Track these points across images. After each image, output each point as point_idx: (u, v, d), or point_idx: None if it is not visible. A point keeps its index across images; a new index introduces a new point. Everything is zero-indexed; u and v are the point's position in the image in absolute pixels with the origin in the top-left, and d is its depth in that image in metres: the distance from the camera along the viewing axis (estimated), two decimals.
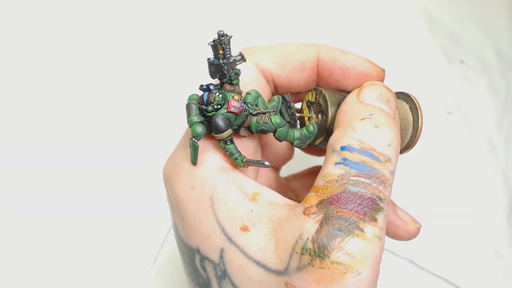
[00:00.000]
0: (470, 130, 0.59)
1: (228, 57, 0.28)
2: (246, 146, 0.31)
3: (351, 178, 0.27)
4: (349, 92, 0.35)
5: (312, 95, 0.35)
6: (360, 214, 0.26)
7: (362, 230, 0.25)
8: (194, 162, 0.29)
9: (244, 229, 0.27)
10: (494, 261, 0.51)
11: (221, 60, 0.28)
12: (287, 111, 0.33)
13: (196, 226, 0.29)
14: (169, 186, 0.31)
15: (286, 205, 0.29)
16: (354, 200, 0.26)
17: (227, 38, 0.27)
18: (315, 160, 0.46)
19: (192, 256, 0.30)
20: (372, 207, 0.26)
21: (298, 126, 0.34)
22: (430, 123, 0.36)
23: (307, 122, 0.35)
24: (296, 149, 0.42)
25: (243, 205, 0.28)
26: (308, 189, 0.42)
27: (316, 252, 0.25)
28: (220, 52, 0.27)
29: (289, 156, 0.42)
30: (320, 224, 0.25)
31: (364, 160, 0.27)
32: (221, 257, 0.28)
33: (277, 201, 0.29)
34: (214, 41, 0.27)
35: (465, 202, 0.54)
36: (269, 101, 0.32)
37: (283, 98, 0.33)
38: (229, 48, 0.27)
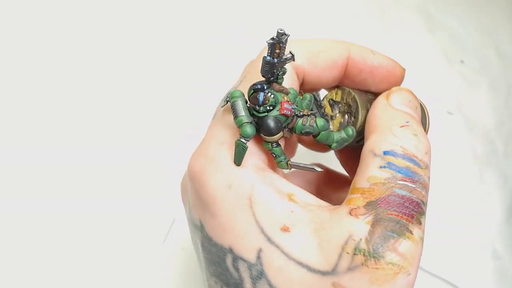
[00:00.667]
0: (470, 130, 0.60)
1: (281, 56, 0.27)
2: None
3: (398, 182, 0.27)
4: (371, 93, 0.35)
5: (337, 94, 0.35)
6: (408, 217, 0.26)
7: (411, 232, 0.26)
8: (238, 163, 0.28)
9: (285, 229, 0.27)
10: (492, 262, 0.52)
11: (275, 59, 0.27)
12: (318, 110, 0.33)
13: (231, 226, 0.28)
14: (198, 183, 0.30)
15: (322, 206, 0.29)
16: (402, 203, 0.27)
17: (286, 37, 0.26)
18: (315, 158, 0.46)
19: (223, 256, 0.29)
20: (418, 210, 0.27)
21: (330, 125, 0.34)
22: (431, 123, 0.37)
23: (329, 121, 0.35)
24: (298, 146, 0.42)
25: (282, 205, 0.28)
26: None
27: (370, 253, 0.25)
28: (277, 51, 0.26)
29: (292, 155, 0.42)
30: (372, 225, 0.26)
31: (408, 165, 0.28)
32: (259, 257, 0.27)
33: (311, 202, 0.29)
34: (273, 39, 0.26)
35: (464, 202, 0.55)
36: None
37: (314, 97, 0.32)
38: (285, 47, 0.26)
